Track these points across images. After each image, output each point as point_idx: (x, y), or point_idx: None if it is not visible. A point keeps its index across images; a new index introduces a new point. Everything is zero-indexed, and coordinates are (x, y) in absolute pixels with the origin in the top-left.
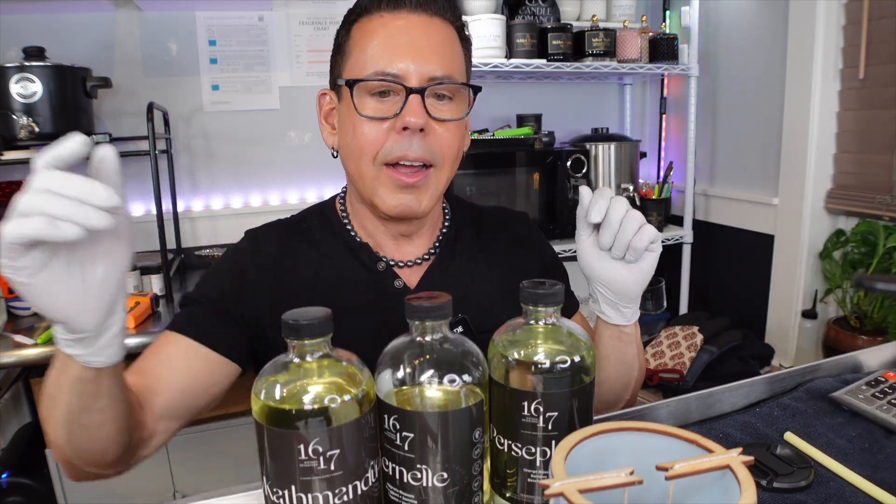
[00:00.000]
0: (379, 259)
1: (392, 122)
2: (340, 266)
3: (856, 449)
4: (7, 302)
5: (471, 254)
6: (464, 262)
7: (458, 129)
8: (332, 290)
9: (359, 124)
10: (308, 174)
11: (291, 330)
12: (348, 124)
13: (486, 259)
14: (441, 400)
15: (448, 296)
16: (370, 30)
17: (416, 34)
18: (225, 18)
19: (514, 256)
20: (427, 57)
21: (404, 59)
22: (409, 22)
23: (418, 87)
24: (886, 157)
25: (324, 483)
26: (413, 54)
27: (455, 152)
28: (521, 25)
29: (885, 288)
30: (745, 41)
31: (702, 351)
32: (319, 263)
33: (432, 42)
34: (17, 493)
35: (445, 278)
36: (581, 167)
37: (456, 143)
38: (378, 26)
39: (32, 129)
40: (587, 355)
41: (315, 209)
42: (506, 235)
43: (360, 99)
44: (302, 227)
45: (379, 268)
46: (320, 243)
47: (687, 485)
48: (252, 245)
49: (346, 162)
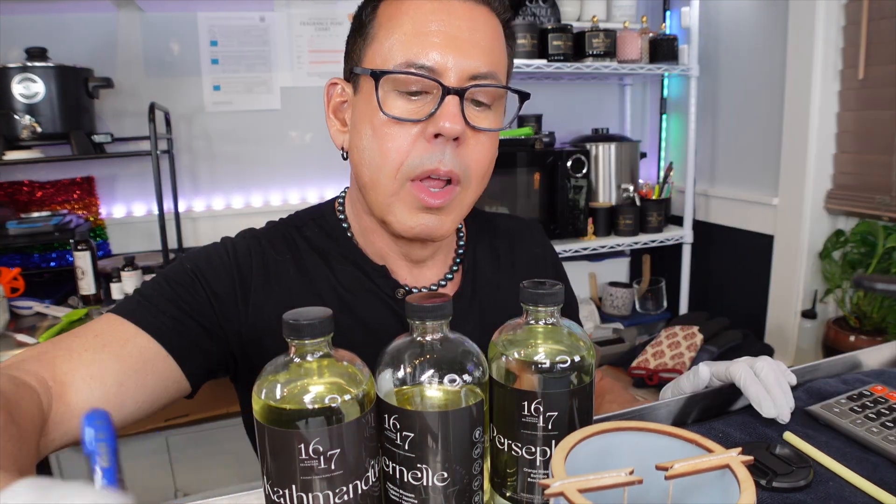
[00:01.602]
0: (398, 286)
1: (423, 126)
2: (356, 288)
3: (855, 448)
4: (9, 301)
5: (490, 275)
6: (483, 284)
7: (493, 142)
8: (351, 314)
9: (381, 126)
10: (309, 174)
11: (292, 330)
12: (366, 123)
13: (506, 278)
14: (441, 399)
15: (448, 295)
16: (401, 10)
17: (457, 21)
18: (226, 19)
19: (529, 275)
20: (469, 50)
21: (442, 50)
22: (449, 6)
23: (457, 86)
24: (886, 157)
25: (324, 482)
26: (453, 45)
27: (485, 168)
28: (521, 26)
29: (884, 288)
30: (745, 41)
31: (702, 351)
32: (334, 281)
33: (477, 33)
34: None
35: (464, 307)
36: (581, 167)
37: (489, 157)
38: (412, 7)
39: (34, 130)
40: (587, 355)
41: (310, 215)
42: (524, 253)
43: (385, 94)
44: (304, 234)
45: (398, 296)
46: (328, 256)
47: (687, 484)
48: (258, 246)
49: (359, 168)
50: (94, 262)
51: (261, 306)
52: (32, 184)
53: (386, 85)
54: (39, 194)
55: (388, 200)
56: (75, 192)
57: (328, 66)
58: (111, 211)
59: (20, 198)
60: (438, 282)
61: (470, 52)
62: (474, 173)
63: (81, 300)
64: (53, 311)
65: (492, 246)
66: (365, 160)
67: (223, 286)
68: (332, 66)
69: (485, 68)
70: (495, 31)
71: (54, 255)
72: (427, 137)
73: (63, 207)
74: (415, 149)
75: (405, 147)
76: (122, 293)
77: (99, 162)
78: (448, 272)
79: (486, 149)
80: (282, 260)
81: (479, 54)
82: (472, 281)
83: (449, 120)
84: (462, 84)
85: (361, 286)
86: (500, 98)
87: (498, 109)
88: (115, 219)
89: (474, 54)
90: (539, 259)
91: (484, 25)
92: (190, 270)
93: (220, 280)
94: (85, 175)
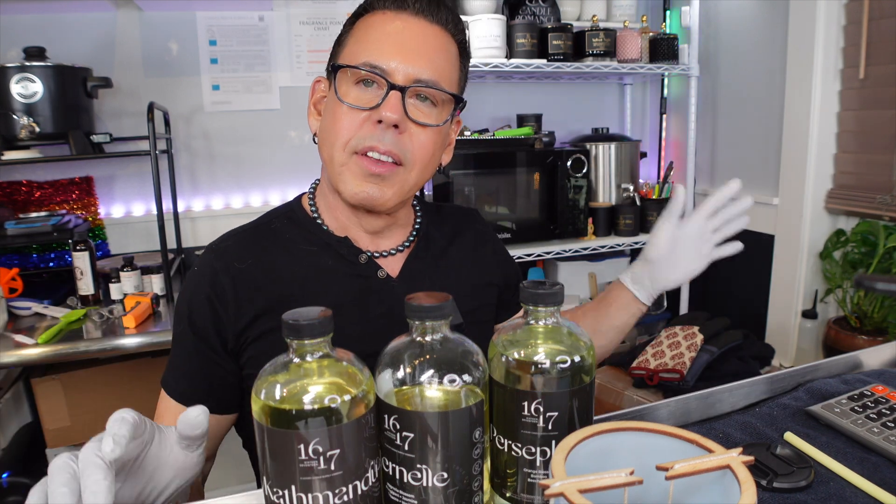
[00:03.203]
0: (360, 252)
1: (369, 113)
2: (321, 263)
3: (856, 449)
4: (8, 302)
5: (442, 246)
6: (437, 252)
7: (434, 134)
8: (317, 287)
9: (338, 110)
10: (308, 174)
11: (292, 330)
12: (329, 111)
13: (455, 252)
14: (441, 400)
15: (448, 295)
16: (370, 24)
17: (411, 35)
18: (225, 18)
19: (474, 252)
20: (416, 59)
21: (394, 57)
22: (408, 24)
23: (401, 84)
24: (886, 157)
25: (324, 483)
26: (404, 53)
27: (427, 157)
28: (521, 25)
29: (885, 288)
30: (746, 41)
31: (702, 351)
32: (298, 263)
33: (426, 46)
34: (18, 493)
35: (424, 267)
36: (581, 167)
37: (429, 148)
38: (379, 22)
39: (33, 129)
40: (587, 355)
41: (279, 211)
42: (469, 230)
43: (345, 86)
44: (272, 229)
45: (361, 260)
46: (294, 242)
47: (687, 485)
48: (222, 262)
49: (321, 147)
50: (93, 262)
51: (239, 315)
52: (31, 184)
53: (346, 77)
54: (38, 194)
55: (339, 170)
56: (74, 192)
57: None
58: (110, 211)
59: (18, 198)
60: (396, 247)
61: (416, 59)
62: (417, 158)
63: (80, 300)
64: (52, 312)
65: (442, 223)
66: (325, 139)
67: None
68: None
69: (426, 75)
70: (444, 47)
71: (53, 256)
72: (372, 122)
73: (61, 207)
74: (361, 130)
75: (354, 127)
76: (121, 293)
77: (97, 162)
78: (405, 241)
79: (426, 139)
80: (244, 267)
81: (425, 63)
82: (426, 247)
83: (389, 110)
84: (406, 83)
85: (325, 262)
86: (447, 102)
87: (444, 110)
88: (114, 219)
89: (420, 62)
90: (480, 233)
91: (434, 40)
92: (186, 316)
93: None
94: (83, 175)
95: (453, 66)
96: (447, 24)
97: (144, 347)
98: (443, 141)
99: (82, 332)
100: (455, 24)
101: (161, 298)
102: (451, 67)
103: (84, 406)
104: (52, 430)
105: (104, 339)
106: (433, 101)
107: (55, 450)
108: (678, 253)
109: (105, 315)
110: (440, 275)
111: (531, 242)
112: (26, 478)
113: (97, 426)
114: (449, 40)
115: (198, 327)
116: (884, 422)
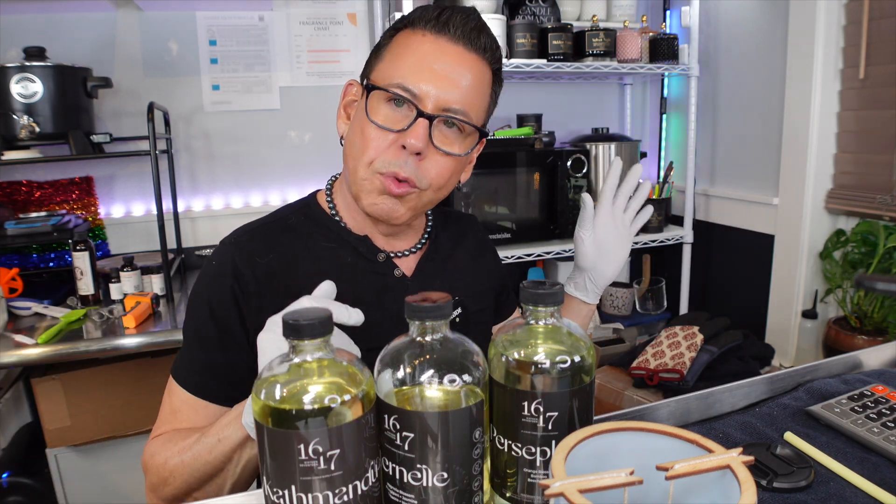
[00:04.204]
0: (379, 251)
1: (396, 136)
2: (341, 259)
3: (856, 449)
4: (8, 302)
5: (448, 250)
6: (445, 255)
7: (455, 162)
8: (338, 282)
9: (367, 128)
10: (308, 174)
11: (292, 330)
12: (358, 123)
13: (460, 256)
14: (441, 400)
15: (448, 296)
16: (409, 43)
17: (447, 62)
18: (225, 18)
19: (477, 258)
20: (448, 87)
21: (427, 81)
22: (445, 49)
23: (430, 112)
24: (886, 157)
25: (324, 483)
26: (437, 80)
27: (444, 181)
28: (521, 25)
29: (885, 288)
30: (746, 41)
31: (702, 351)
32: (318, 258)
33: (460, 75)
34: (17, 492)
35: (435, 268)
36: (581, 167)
37: (447, 174)
38: (418, 42)
39: (33, 129)
40: (587, 355)
41: (294, 207)
42: (471, 235)
43: (375, 103)
44: (289, 224)
45: (379, 259)
46: (313, 238)
47: (687, 485)
48: (243, 255)
49: (346, 155)
50: (93, 262)
51: (261, 309)
52: (31, 184)
53: (378, 96)
54: (38, 194)
55: (360, 183)
56: (74, 192)
57: (327, 65)
58: (110, 211)
59: (18, 198)
60: (410, 249)
61: (448, 87)
62: (434, 183)
63: (80, 300)
64: (52, 312)
65: (448, 228)
66: (352, 151)
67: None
68: (331, 65)
69: (457, 104)
70: (479, 76)
71: (53, 256)
72: (397, 146)
73: (61, 207)
74: (386, 153)
75: (380, 149)
76: (121, 293)
77: (97, 162)
78: (418, 243)
79: (445, 166)
80: (265, 261)
81: (456, 92)
82: (436, 250)
83: (414, 138)
84: (435, 111)
85: (344, 258)
86: (474, 132)
87: (468, 139)
88: (114, 219)
89: (451, 90)
90: (481, 241)
91: (468, 69)
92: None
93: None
94: (83, 175)
95: (483, 96)
96: (485, 53)
97: (144, 347)
98: (462, 166)
99: (82, 332)
100: (493, 51)
101: (161, 298)
102: (480, 98)
103: (84, 406)
104: (52, 430)
105: (104, 339)
106: (460, 128)
107: (55, 450)
108: (605, 250)
109: (105, 315)
110: (448, 276)
111: (531, 242)
112: (26, 478)
113: (97, 426)
114: (484, 68)
115: (220, 319)
116: (884, 422)
